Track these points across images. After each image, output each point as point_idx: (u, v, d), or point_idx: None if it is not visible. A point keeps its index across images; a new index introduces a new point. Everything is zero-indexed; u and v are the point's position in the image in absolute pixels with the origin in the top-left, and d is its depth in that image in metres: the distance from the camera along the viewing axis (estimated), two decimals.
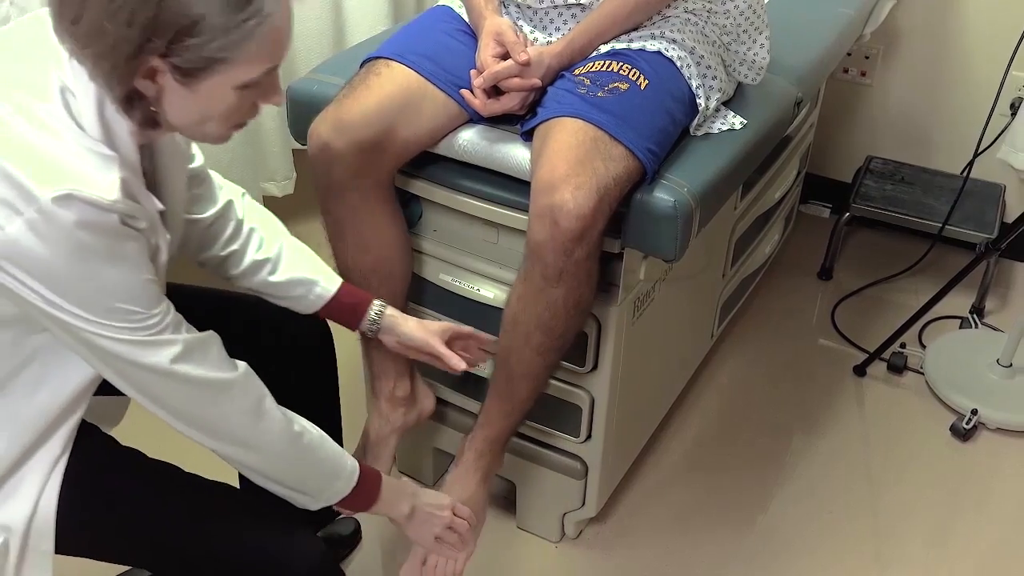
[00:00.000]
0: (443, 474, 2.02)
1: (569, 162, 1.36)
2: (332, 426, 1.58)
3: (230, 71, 1.02)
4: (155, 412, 1.14)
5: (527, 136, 1.50)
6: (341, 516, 1.80)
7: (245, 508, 1.25)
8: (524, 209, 1.49)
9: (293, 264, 1.42)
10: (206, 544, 1.23)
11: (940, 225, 2.36)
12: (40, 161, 0.99)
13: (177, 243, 1.25)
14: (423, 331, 1.49)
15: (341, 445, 1.62)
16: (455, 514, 1.45)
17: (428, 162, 1.59)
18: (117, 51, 0.98)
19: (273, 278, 1.41)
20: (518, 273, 1.46)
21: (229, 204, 1.39)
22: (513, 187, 1.53)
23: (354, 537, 1.86)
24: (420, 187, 1.63)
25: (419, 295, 1.72)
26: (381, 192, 1.56)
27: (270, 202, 2.46)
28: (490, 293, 1.63)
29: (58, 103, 1.02)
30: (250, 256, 1.40)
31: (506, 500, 1.94)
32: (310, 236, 1.53)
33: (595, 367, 1.64)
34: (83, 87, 1.03)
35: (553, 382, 1.67)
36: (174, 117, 1.06)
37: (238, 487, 1.31)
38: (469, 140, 1.54)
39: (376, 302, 1.48)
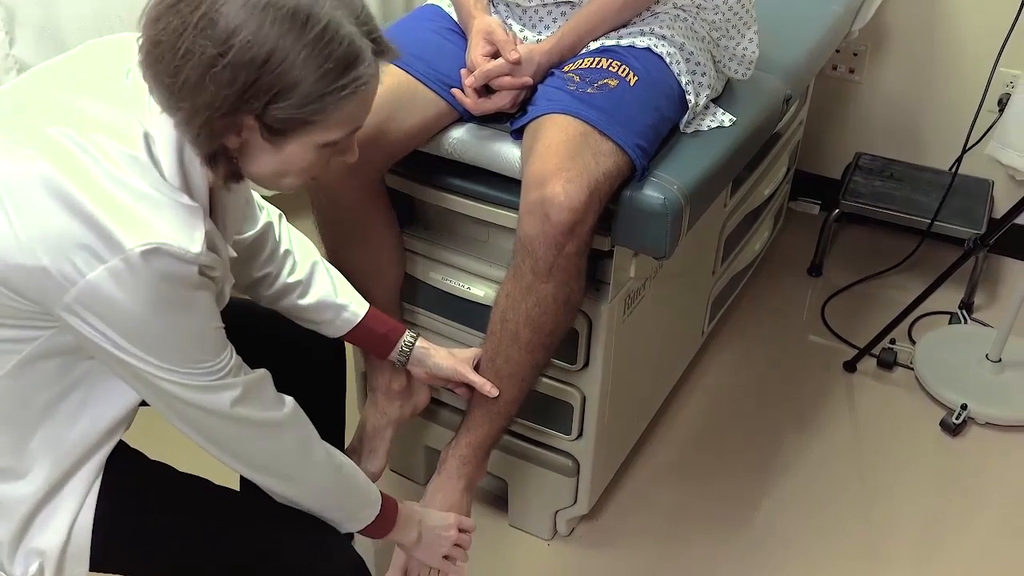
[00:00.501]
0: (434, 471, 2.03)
1: (560, 156, 1.38)
2: (336, 438, 1.59)
3: (317, 132, 1.04)
4: (205, 447, 1.16)
5: (517, 134, 1.51)
6: None
7: (280, 519, 1.25)
8: (515, 207, 1.50)
9: (322, 287, 1.42)
10: (240, 558, 1.23)
11: (929, 221, 2.37)
12: (127, 209, 0.98)
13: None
14: (452, 360, 1.50)
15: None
16: (460, 529, 1.47)
17: (419, 161, 1.59)
18: (213, 109, 0.98)
19: (303, 301, 1.41)
20: (507, 271, 1.47)
21: (268, 226, 1.39)
22: (504, 185, 1.54)
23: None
24: (411, 186, 1.64)
25: (409, 294, 1.73)
26: (372, 191, 1.57)
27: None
28: (480, 291, 1.64)
29: (142, 149, 1.02)
30: (282, 279, 1.40)
31: (498, 498, 1.95)
32: (304, 232, 1.54)
33: (586, 364, 1.65)
34: (163, 132, 1.03)
35: (544, 380, 1.69)
36: (254, 170, 1.08)
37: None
38: (460, 139, 1.55)
39: (408, 333, 1.49)
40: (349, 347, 1.66)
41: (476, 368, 1.52)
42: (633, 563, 1.88)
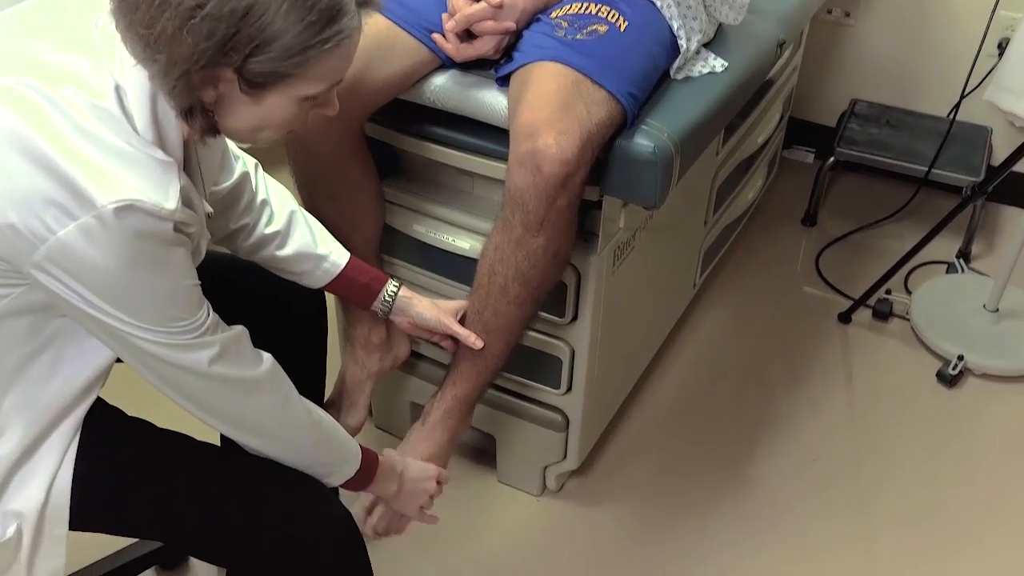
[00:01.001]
0: None
1: (552, 107, 1.36)
2: (316, 393, 1.59)
3: (297, 85, 1.02)
4: (182, 404, 1.16)
5: (503, 82, 1.49)
6: None
7: (263, 474, 1.26)
8: (500, 157, 1.49)
9: (301, 237, 1.41)
10: (223, 513, 1.23)
11: (926, 169, 2.37)
12: (98, 164, 0.97)
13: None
14: (436, 311, 1.49)
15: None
16: (438, 482, 1.47)
17: (400, 110, 1.58)
18: (190, 62, 0.96)
19: (281, 252, 1.40)
20: (494, 223, 1.45)
21: (244, 176, 1.37)
22: (488, 134, 1.52)
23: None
24: (392, 135, 1.62)
25: (392, 247, 1.72)
26: (351, 141, 1.55)
27: None
28: (465, 244, 1.63)
29: (113, 102, 1.00)
30: (260, 230, 1.39)
31: (486, 454, 1.96)
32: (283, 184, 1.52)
33: (575, 318, 1.65)
34: (136, 84, 1.01)
35: (532, 333, 1.68)
36: (231, 124, 1.06)
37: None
38: (442, 86, 1.53)
39: (391, 282, 1.48)
40: (331, 299, 1.66)
41: (461, 321, 1.51)
42: (624, 518, 1.89)
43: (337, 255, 1.43)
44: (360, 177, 1.60)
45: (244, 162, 1.39)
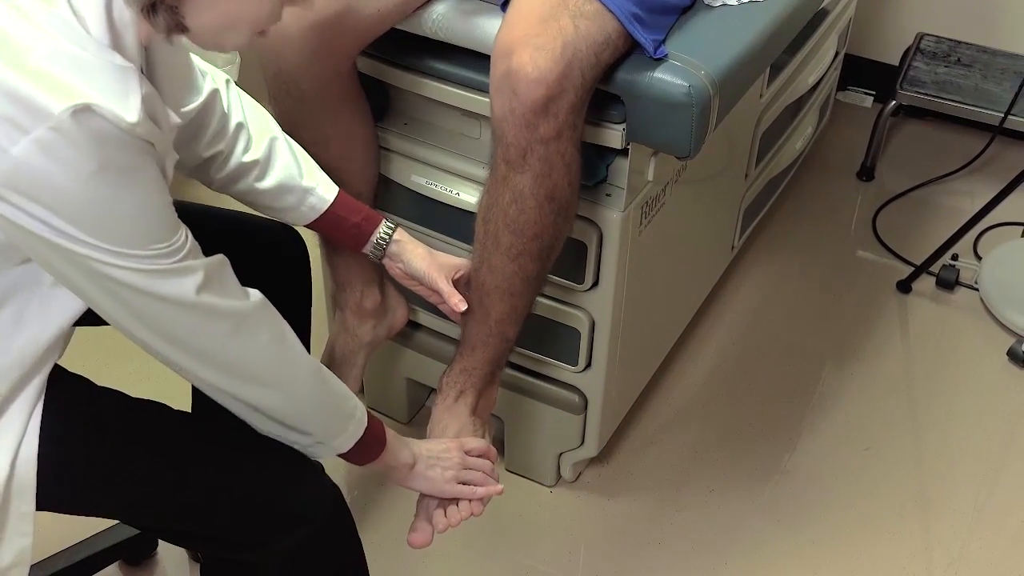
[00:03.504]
0: (418, 410, 2.04)
1: (530, 21, 1.35)
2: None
3: None
4: (167, 355, 1.15)
5: (507, 7, 1.48)
6: None
7: (245, 447, 1.27)
8: None
9: (284, 167, 1.41)
10: (204, 488, 1.25)
11: (1002, 115, 2.35)
12: (49, 73, 0.97)
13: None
14: (427, 263, 1.49)
15: None
16: (469, 453, 1.47)
17: (396, 42, 1.57)
18: None
19: (261, 184, 1.40)
20: (488, 164, 1.46)
21: (214, 95, 1.37)
22: None
23: None
24: (387, 72, 1.61)
25: (388, 200, 1.72)
26: (341, 79, 1.55)
27: None
28: (471, 197, 1.62)
29: (64, 5, 1.00)
30: (236, 158, 1.39)
31: (494, 439, 1.96)
32: None
33: (595, 284, 1.65)
34: None
35: (546, 301, 1.68)
36: (196, 20, 1.05)
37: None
38: (443, 15, 1.52)
39: (385, 223, 1.48)
40: (317, 262, 1.65)
41: (459, 282, 1.51)
42: (646, 512, 1.90)
43: (324, 189, 1.44)
44: (351, 120, 1.59)
45: (213, 78, 1.39)
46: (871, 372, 2.16)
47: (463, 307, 1.49)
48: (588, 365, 1.75)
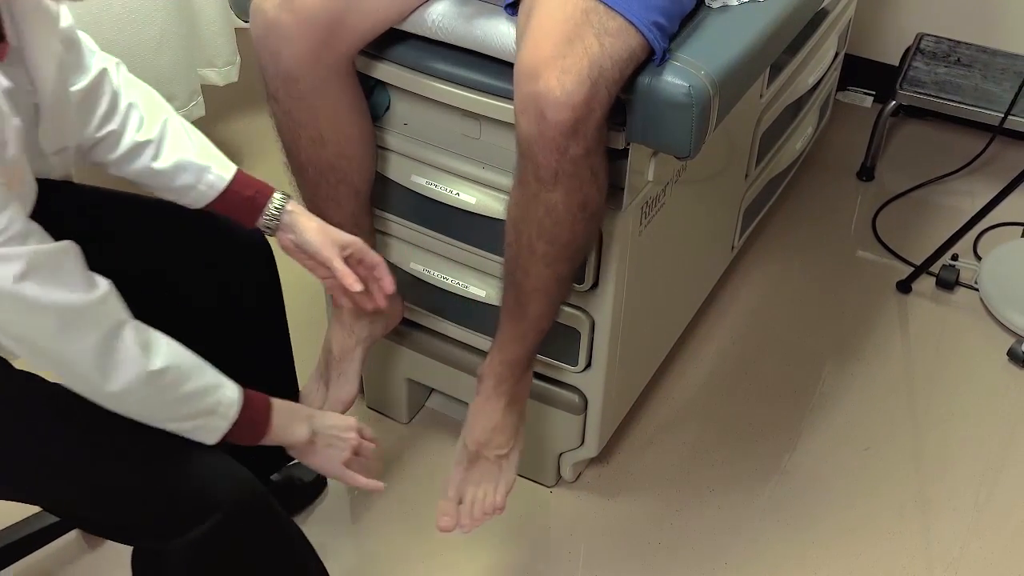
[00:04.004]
0: (418, 410, 2.04)
1: (555, 40, 1.34)
2: (282, 362, 1.63)
3: None
4: None
5: (512, 9, 1.48)
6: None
7: (153, 435, 1.26)
8: (510, 97, 1.47)
9: (179, 147, 1.41)
10: (110, 476, 1.25)
11: (1002, 115, 2.35)
12: None
13: (60, 134, 1.22)
14: (322, 236, 1.48)
15: (292, 375, 1.67)
16: (362, 436, 1.49)
17: (396, 41, 1.57)
18: None
19: (157, 164, 1.40)
20: (514, 175, 1.45)
21: (103, 74, 1.37)
22: (497, 71, 1.51)
23: (317, 484, 1.89)
24: (387, 71, 1.61)
25: (386, 200, 1.72)
26: (339, 78, 1.54)
27: (211, 92, 2.44)
28: (471, 198, 1.62)
29: None
30: (129, 137, 1.38)
31: None
32: (260, 131, 1.52)
33: (596, 284, 1.65)
34: None
35: None
36: None
37: None
38: (444, 15, 1.52)
39: (278, 194, 1.48)
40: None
41: (352, 260, 1.50)
42: (646, 513, 1.90)
43: (221, 167, 1.44)
44: (349, 119, 1.59)
45: (103, 57, 1.38)
46: (871, 372, 2.16)
47: (358, 287, 1.48)
48: (588, 365, 1.75)
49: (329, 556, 1.50)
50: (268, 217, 1.47)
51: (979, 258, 2.40)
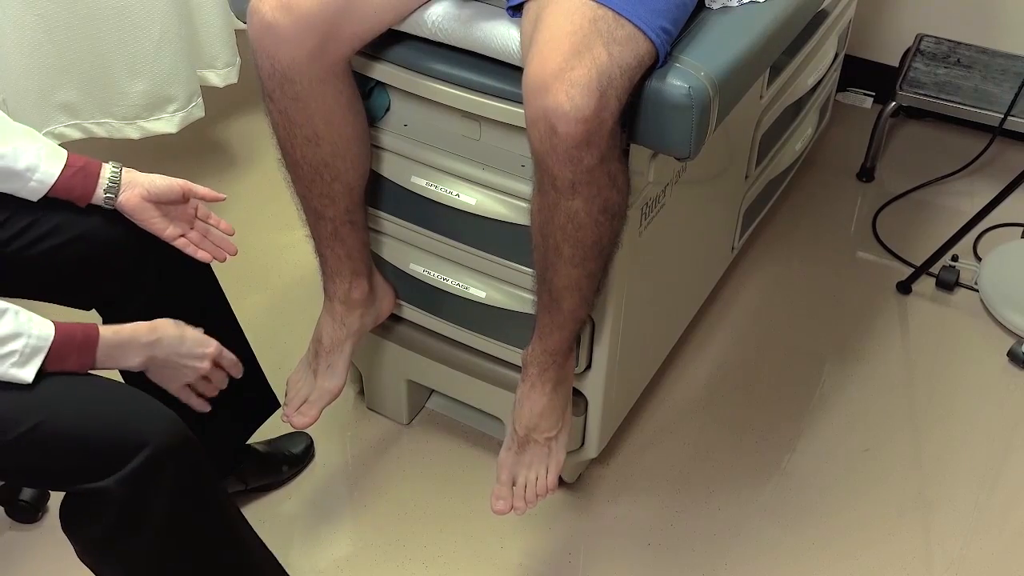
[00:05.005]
0: (418, 411, 2.04)
1: (563, 52, 1.33)
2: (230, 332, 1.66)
3: None
4: None
5: (515, 12, 1.47)
6: (291, 432, 1.90)
7: (74, 380, 1.31)
8: (510, 99, 1.48)
9: (9, 131, 1.44)
10: (35, 421, 1.27)
11: (1002, 116, 2.35)
12: None
13: None
14: (169, 178, 1.53)
15: (240, 340, 1.71)
16: (220, 365, 1.52)
17: (396, 43, 1.57)
18: None
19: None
20: (533, 182, 1.46)
21: None
22: (497, 72, 1.51)
23: (306, 455, 1.94)
24: (387, 72, 1.61)
25: (387, 201, 1.72)
26: (335, 79, 1.54)
27: (210, 94, 2.44)
28: (471, 199, 1.62)
29: None
30: None
31: (492, 439, 1.96)
32: (260, 133, 1.52)
33: None
34: None
35: None
36: None
37: None
38: (444, 16, 1.52)
39: (110, 164, 1.51)
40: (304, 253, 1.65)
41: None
42: (647, 514, 1.90)
43: (52, 147, 1.47)
44: (345, 119, 1.59)
45: None
46: (871, 372, 2.16)
47: (222, 197, 1.55)
48: (588, 366, 1.74)
49: (327, 554, 1.49)
50: (107, 189, 1.50)
51: (979, 259, 2.40)
